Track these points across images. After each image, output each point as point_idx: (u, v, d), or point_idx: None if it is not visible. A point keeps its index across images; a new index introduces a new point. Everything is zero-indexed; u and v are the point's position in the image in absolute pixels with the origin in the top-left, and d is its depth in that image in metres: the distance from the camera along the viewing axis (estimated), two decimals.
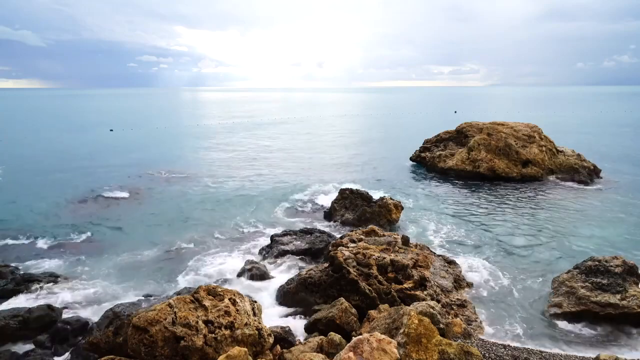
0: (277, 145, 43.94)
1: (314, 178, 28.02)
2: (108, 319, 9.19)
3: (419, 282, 11.12)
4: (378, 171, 30.07)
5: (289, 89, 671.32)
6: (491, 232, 17.39)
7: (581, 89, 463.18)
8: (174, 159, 35.59)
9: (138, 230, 18.15)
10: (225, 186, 26.03)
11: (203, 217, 19.87)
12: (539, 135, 28.05)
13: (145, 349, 7.24)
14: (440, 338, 7.38)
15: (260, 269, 13.45)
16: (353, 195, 19.38)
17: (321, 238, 15.43)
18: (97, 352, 8.50)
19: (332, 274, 11.16)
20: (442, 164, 28.74)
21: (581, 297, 10.80)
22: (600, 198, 22.15)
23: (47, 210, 20.86)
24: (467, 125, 30.51)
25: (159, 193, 24.22)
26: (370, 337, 6.87)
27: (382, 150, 40.01)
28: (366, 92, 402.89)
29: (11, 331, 9.55)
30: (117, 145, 44.17)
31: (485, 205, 21.01)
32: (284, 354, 8.04)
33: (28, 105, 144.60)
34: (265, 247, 15.67)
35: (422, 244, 14.09)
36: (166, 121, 74.05)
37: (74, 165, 32.42)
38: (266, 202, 22.23)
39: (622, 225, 17.95)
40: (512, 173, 25.90)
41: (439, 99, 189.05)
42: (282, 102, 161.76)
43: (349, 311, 9.62)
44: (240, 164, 33.21)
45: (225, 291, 8.49)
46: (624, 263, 11.30)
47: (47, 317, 10.09)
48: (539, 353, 8.71)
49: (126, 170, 30.44)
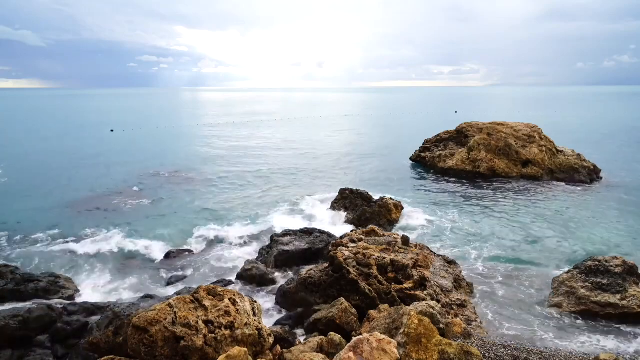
0: (277, 145, 43.93)
1: (314, 178, 28.02)
2: (108, 319, 9.18)
3: (419, 282, 11.11)
4: (378, 171, 30.06)
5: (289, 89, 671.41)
6: (491, 232, 17.38)
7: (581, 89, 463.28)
8: (174, 159, 35.60)
9: (138, 229, 18.15)
10: (225, 186, 26.03)
11: (203, 217, 19.87)
12: (539, 135, 28.05)
13: (145, 349, 7.24)
14: (440, 338, 7.37)
15: (260, 269, 13.45)
16: (353, 195, 19.38)
17: (321, 238, 15.43)
18: (97, 352, 8.49)
19: (332, 274, 11.16)
20: (442, 163, 28.73)
21: (581, 297, 10.80)
22: (600, 198, 22.14)
23: (47, 210, 20.87)
24: (467, 125, 30.51)
25: (158, 193, 24.22)
26: (370, 337, 6.87)
27: (382, 150, 40.01)
28: (366, 92, 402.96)
29: (11, 331, 9.53)
30: (118, 145, 44.19)
31: (485, 205, 21.00)
32: (284, 354, 8.04)
33: (28, 105, 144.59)
34: (265, 247, 15.67)
35: (422, 244, 14.08)
36: (166, 121, 74.08)
37: (74, 165, 32.43)
38: (266, 202, 22.24)
39: (622, 225, 17.94)
40: (512, 173, 25.89)
41: (439, 99, 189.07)
42: (282, 102, 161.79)
43: (349, 311, 9.62)
44: (240, 164, 33.21)
45: (225, 291, 8.48)
46: (624, 263, 11.30)
47: (47, 317, 10.08)
48: (539, 353, 8.70)
49: (126, 170, 30.45)
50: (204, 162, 34.23)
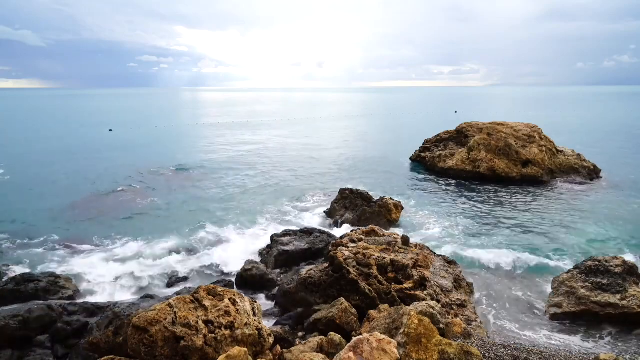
0: (276, 145, 43.93)
1: (314, 178, 28.02)
2: (108, 319, 9.18)
3: (419, 282, 11.11)
4: (378, 171, 30.06)
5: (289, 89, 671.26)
6: (491, 232, 17.39)
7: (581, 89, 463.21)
8: (174, 158, 35.58)
9: (138, 229, 18.15)
10: (225, 186, 26.03)
11: (202, 217, 19.87)
12: (539, 135, 28.04)
13: (145, 349, 7.24)
14: (440, 338, 7.37)
15: (260, 269, 13.44)
16: (353, 195, 19.38)
17: (321, 238, 15.43)
18: (97, 352, 8.49)
19: (332, 274, 11.16)
20: (442, 164, 28.73)
21: (581, 297, 10.80)
22: (600, 198, 22.14)
23: (47, 210, 20.86)
24: (467, 125, 30.51)
25: (158, 193, 24.22)
26: (370, 337, 6.86)
27: (382, 150, 40.01)
28: (366, 92, 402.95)
29: (11, 331, 9.53)
30: (117, 144, 44.17)
31: (485, 205, 21.00)
32: (284, 354, 8.03)
33: (28, 105, 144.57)
34: (265, 247, 15.67)
35: (422, 244, 14.08)
36: (166, 121, 74.06)
37: (74, 165, 32.42)
38: (266, 202, 22.23)
39: (622, 225, 17.94)
40: (512, 173, 25.89)
41: (439, 99, 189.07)
42: (282, 102, 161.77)
43: (349, 311, 9.61)
44: (239, 164, 33.21)
45: (225, 291, 8.48)
46: (624, 263, 11.30)
47: (47, 317, 10.07)
48: (539, 353, 8.70)
49: (125, 170, 30.44)
50: (204, 161, 34.23)
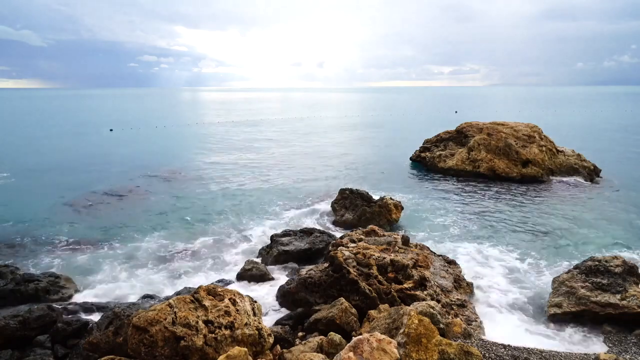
0: (276, 145, 43.93)
1: (314, 178, 28.02)
2: (108, 319, 9.19)
3: (419, 282, 11.12)
4: (378, 171, 30.06)
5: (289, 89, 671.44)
6: (491, 232, 17.39)
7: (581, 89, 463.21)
8: (174, 158, 35.59)
9: (138, 229, 18.14)
10: (225, 186, 26.02)
11: (203, 217, 19.87)
12: (539, 135, 28.05)
13: (145, 349, 7.24)
14: (440, 338, 7.38)
15: (260, 269, 13.44)
16: (353, 195, 19.37)
17: (321, 238, 15.43)
18: (97, 352, 8.49)
19: (332, 274, 11.16)
20: (442, 164, 28.74)
21: (581, 297, 10.79)
22: (600, 198, 22.14)
23: (47, 210, 20.85)
24: (467, 125, 30.52)
25: (158, 193, 24.21)
26: (370, 337, 6.87)
27: (382, 150, 40.02)
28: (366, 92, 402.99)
29: (11, 331, 9.52)
30: (117, 144, 44.18)
31: (485, 205, 21.00)
32: (284, 354, 8.04)
33: (28, 105, 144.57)
34: (265, 247, 15.66)
35: (422, 244, 14.08)
36: (165, 120, 74.05)
37: (74, 165, 32.42)
38: (266, 202, 22.22)
39: (622, 225, 17.94)
40: (512, 173, 25.89)
41: (439, 99, 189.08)
42: (282, 102, 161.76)
43: (349, 311, 9.62)
44: (240, 164, 33.20)
45: (225, 291, 8.48)
46: (624, 263, 11.30)
47: (47, 317, 10.07)
48: (539, 353, 8.71)
49: (125, 170, 30.44)
50: (204, 161, 34.22)
